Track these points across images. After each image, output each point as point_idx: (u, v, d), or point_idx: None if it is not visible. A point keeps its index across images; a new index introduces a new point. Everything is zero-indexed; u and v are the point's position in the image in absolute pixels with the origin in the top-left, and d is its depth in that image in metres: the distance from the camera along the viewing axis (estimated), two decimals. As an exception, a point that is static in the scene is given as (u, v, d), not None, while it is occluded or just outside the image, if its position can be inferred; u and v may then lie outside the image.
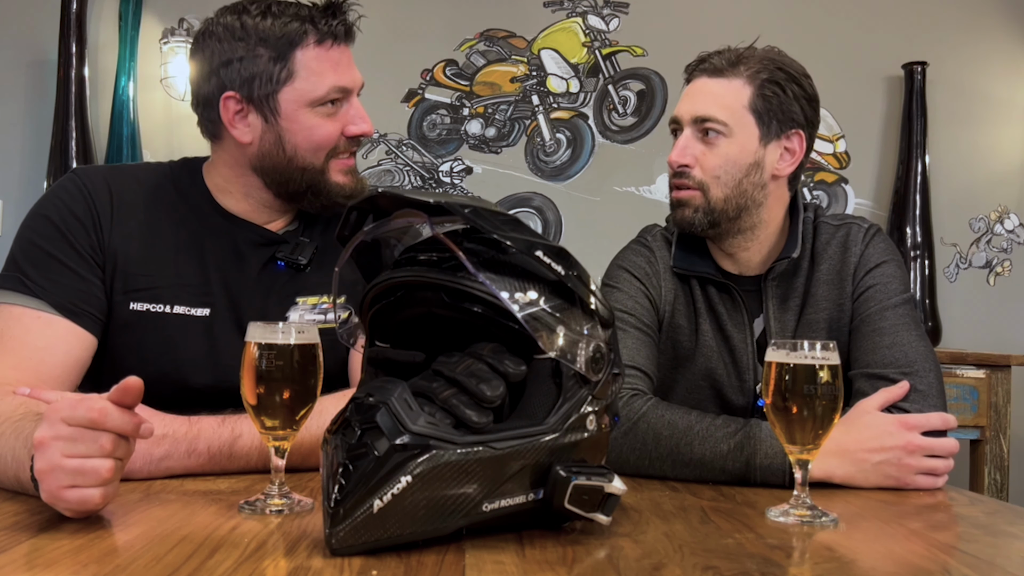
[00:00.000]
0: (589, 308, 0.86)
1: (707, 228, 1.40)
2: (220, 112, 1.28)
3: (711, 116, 1.38)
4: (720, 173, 1.38)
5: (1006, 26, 3.32)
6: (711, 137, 1.38)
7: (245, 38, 1.26)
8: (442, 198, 0.81)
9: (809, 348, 0.98)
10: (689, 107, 1.41)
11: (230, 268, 1.31)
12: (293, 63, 1.26)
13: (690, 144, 1.39)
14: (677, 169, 1.40)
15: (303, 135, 1.28)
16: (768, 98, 1.38)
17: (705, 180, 1.39)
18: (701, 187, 1.39)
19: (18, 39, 3.18)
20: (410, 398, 0.81)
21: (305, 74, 1.26)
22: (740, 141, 1.38)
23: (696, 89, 1.42)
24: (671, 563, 0.79)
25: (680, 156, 1.39)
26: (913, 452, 1.17)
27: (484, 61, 3.30)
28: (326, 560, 0.77)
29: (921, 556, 0.85)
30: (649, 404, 1.27)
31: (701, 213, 1.39)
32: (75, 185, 1.28)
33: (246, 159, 1.30)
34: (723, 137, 1.38)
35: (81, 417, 0.83)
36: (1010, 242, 3.29)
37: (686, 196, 1.40)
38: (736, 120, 1.38)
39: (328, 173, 1.30)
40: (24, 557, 0.76)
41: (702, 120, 1.38)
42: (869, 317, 1.36)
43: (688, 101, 1.42)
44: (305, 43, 1.26)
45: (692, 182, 1.39)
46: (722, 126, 1.38)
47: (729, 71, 1.39)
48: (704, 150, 1.39)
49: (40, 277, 1.22)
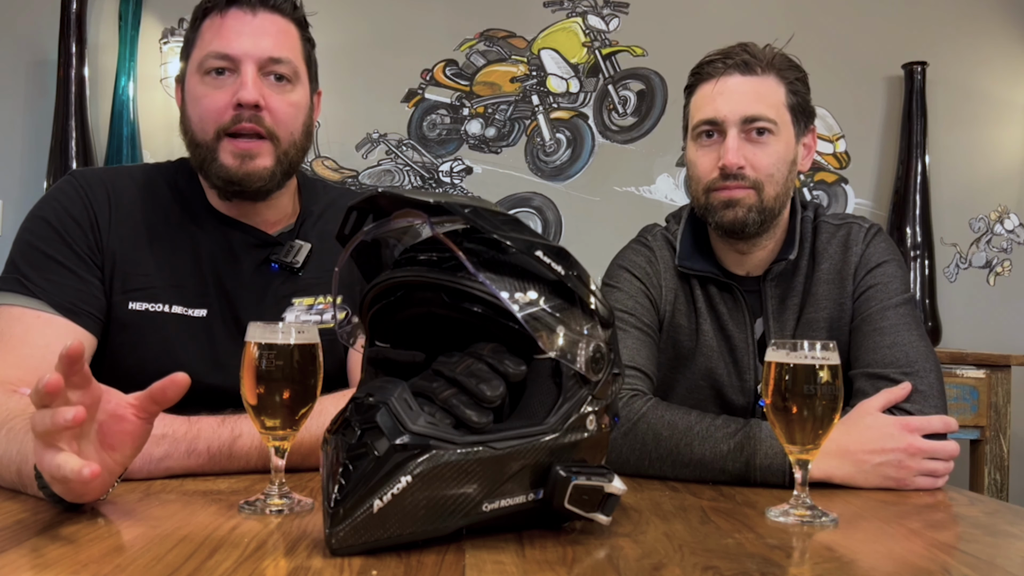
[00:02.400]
0: (589, 308, 0.86)
1: (758, 227, 1.38)
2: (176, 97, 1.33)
3: (762, 115, 1.36)
4: (774, 171, 1.37)
5: (1006, 26, 3.32)
6: (763, 137, 1.37)
7: (192, 20, 1.30)
8: (442, 198, 0.81)
9: (809, 348, 0.98)
10: (734, 107, 1.36)
11: (224, 269, 1.31)
12: (199, 31, 1.28)
13: (740, 145, 1.36)
14: (734, 171, 1.36)
15: (192, 105, 1.28)
16: (796, 95, 1.40)
17: (760, 179, 1.37)
18: (756, 186, 1.37)
19: (18, 39, 3.18)
20: (410, 398, 0.81)
21: (200, 41, 1.28)
22: (785, 139, 1.38)
23: (733, 88, 1.37)
24: (671, 563, 0.79)
25: (736, 158, 1.35)
26: (914, 455, 1.17)
27: (484, 61, 3.30)
28: (326, 560, 0.77)
29: (921, 556, 0.85)
30: (649, 404, 1.27)
31: (755, 212, 1.37)
32: (72, 187, 1.29)
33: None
34: (773, 136, 1.37)
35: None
36: (1010, 242, 3.29)
37: (741, 195, 1.36)
38: (781, 118, 1.38)
39: (218, 151, 1.25)
40: (24, 557, 0.76)
41: (752, 120, 1.36)
42: (870, 316, 1.36)
43: (729, 100, 1.37)
44: (212, 11, 1.27)
45: (747, 182, 1.36)
46: (772, 124, 1.36)
47: (763, 69, 1.38)
48: (755, 150, 1.37)
49: (39, 278, 1.22)
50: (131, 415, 0.89)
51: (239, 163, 1.25)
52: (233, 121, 1.23)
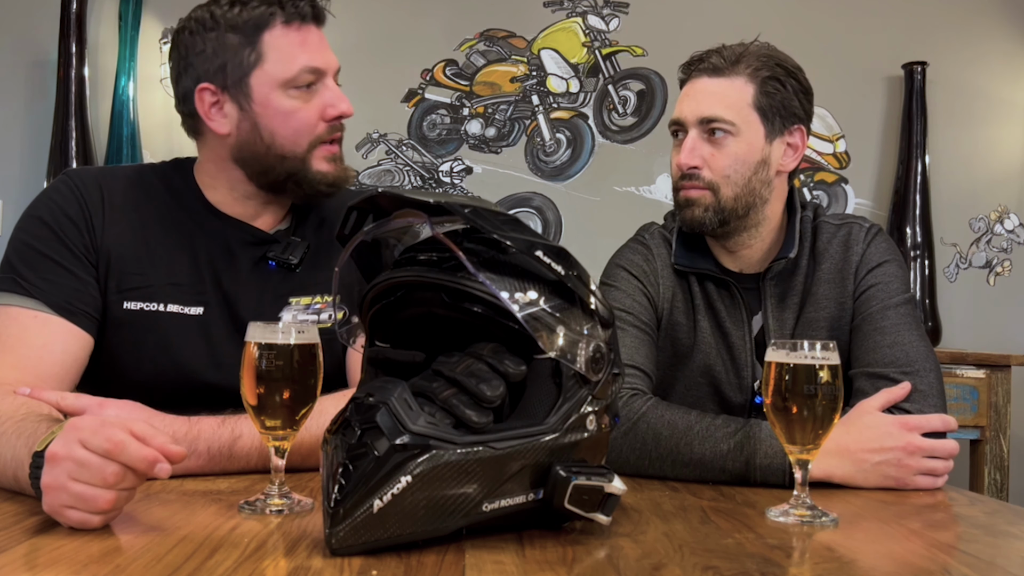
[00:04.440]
0: (589, 308, 0.86)
1: (717, 227, 1.40)
2: (196, 105, 1.28)
3: (717, 116, 1.37)
4: (730, 172, 1.38)
5: (1006, 26, 3.32)
6: (719, 137, 1.38)
7: (215, 27, 1.26)
8: (442, 198, 0.81)
9: (809, 348, 0.98)
10: (693, 108, 1.39)
11: (221, 267, 1.31)
12: (261, 45, 1.26)
13: (697, 145, 1.38)
14: (687, 171, 1.39)
15: (279, 120, 1.27)
16: (771, 95, 1.39)
17: (715, 180, 1.38)
18: (711, 187, 1.38)
19: (18, 39, 3.18)
20: (410, 398, 0.81)
21: (274, 56, 1.26)
22: (747, 139, 1.38)
23: (697, 89, 1.41)
24: (671, 563, 0.79)
25: (689, 158, 1.38)
26: (913, 453, 1.17)
27: (484, 61, 3.30)
28: (326, 560, 0.77)
29: (921, 556, 0.85)
30: (649, 404, 1.27)
31: (711, 212, 1.38)
32: (67, 186, 1.29)
33: (227, 151, 1.30)
34: (731, 136, 1.37)
35: (97, 445, 0.83)
36: (1010, 242, 3.29)
37: (696, 195, 1.39)
38: (742, 119, 1.38)
39: (311, 161, 1.29)
40: (24, 557, 0.76)
41: (708, 121, 1.38)
42: (870, 316, 1.37)
43: (691, 102, 1.40)
44: (272, 25, 1.26)
45: (702, 183, 1.38)
46: (729, 125, 1.37)
47: (730, 70, 1.39)
48: (712, 151, 1.38)
49: (35, 277, 1.22)
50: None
51: (333, 167, 1.31)
52: (330, 131, 1.30)
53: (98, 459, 0.82)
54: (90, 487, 0.83)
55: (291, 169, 1.29)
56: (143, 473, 0.85)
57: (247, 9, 1.26)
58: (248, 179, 1.32)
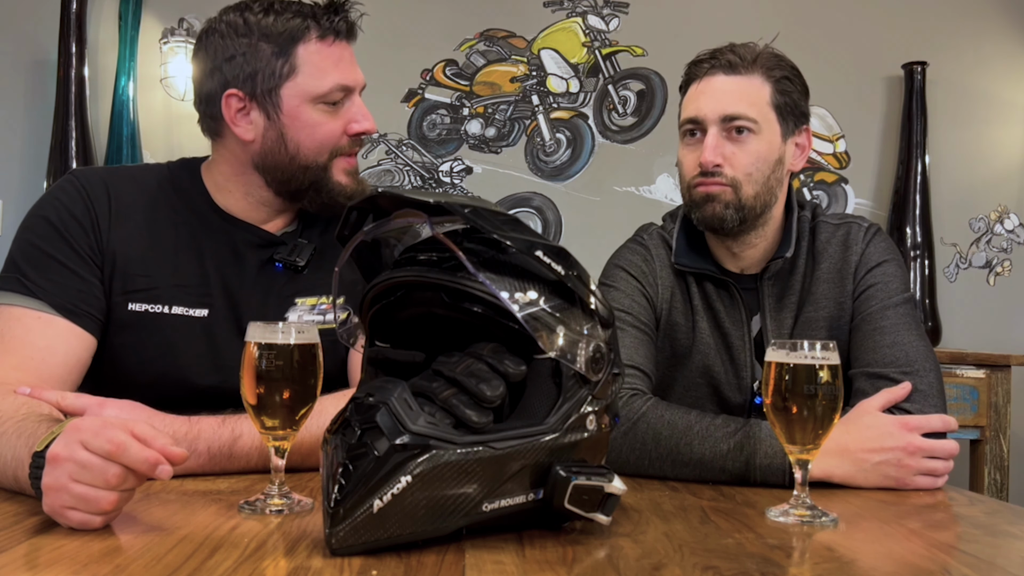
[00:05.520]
0: (589, 308, 0.86)
1: (736, 225, 1.39)
2: (222, 109, 1.28)
3: (741, 114, 1.36)
4: (752, 170, 1.37)
5: (1006, 26, 3.32)
6: (742, 135, 1.37)
7: (248, 34, 1.26)
8: (442, 198, 0.81)
9: (809, 348, 0.98)
10: (714, 105, 1.38)
11: (228, 268, 1.31)
12: (295, 58, 1.26)
13: (719, 143, 1.37)
14: (711, 169, 1.37)
15: (306, 132, 1.28)
16: (786, 94, 1.39)
17: (737, 177, 1.37)
18: (733, 184, 1.37)
19: (18, 39, 3.18)
20: (410, 398, 0.81)
21: (308, 69, 1.27)
22: (767, 138, 1.38)
23: (715, 87, 1.39)
24: (671, 563, 0.79)
25: (713, 155, 1.36)
26: (913, 453, 1.17)
27: (484, 61, 3.30)
28: (326, 560, 0.77)
29: (921, 556, 0.85)
30: (649, 404, 1.27)
31: (732, 210, 1.37)
32: (73, 186, 1.28)
33: (248, 157, 1.30)
34: (753, 135, 1.37)
35: (99, 447, 0.83)
36: (1010, 242, 3.29)
37: (717, 191, 1.37)
38: (763, 117, 1.38)
39: (331, 172, 1.31)
40: (24, 557, 0.76)
41: (732, 118, 1.37)
42: (870, 316, 1.37)
43: (710, 99, 1.38)
44: (307, 38, 1.27)
45: (725, 179, 1.37)
46: (752, 123, 1.37)
47: (747, 68, 1.38)
48: (734, 149, 1.37)
49: (40, 278, 1.21)
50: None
51: (351, 180, 1.33)
52: (351, 145, 1.32)
53: (100, 461, 0.82)
54: (92, 488, 0.83)
55: (312, 179, 1.30)
56: (144, 474, 0.85)
57: (282, 19, 1.26)
58: (266, 185, 1.32)
